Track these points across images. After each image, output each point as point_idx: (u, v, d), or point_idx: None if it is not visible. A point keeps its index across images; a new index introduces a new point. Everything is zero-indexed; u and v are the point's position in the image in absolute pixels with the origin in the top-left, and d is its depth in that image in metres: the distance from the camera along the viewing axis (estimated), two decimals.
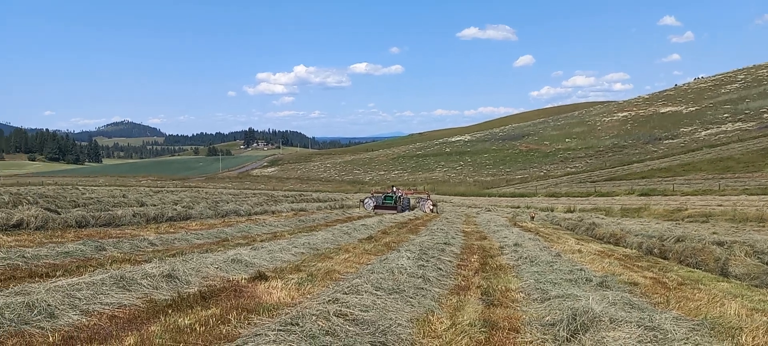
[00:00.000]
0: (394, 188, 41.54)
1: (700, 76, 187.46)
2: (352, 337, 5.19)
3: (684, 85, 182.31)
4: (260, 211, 26.87)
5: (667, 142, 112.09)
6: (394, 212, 34.81)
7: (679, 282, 9.88)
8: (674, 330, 5.51)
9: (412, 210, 38.01)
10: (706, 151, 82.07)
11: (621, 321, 5.70)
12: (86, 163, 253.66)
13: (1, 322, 5.11)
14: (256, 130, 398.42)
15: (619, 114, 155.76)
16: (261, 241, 13.70)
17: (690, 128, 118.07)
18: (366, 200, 39.32)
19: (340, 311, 5.78)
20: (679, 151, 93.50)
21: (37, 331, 5.17)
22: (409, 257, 9.97)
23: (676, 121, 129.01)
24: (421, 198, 43.32)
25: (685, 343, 5.22)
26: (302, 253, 11.56)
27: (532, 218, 30.51)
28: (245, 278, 8.27)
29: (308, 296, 7.24)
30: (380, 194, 40.16)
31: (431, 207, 38.14)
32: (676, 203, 36.71)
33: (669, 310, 6.77)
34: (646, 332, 5.44)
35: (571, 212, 36.99)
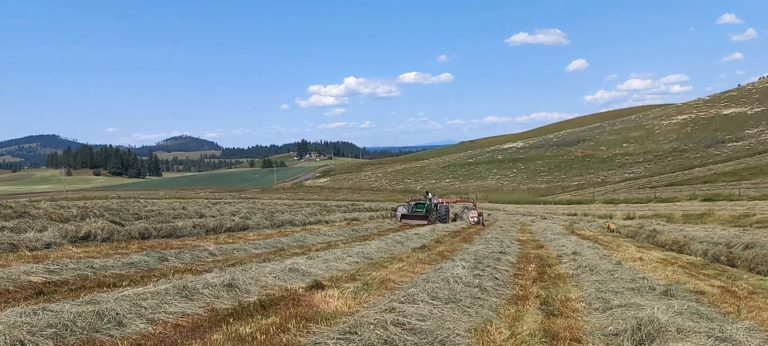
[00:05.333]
0: (429, 194, 34.02)
1: (765, 76, 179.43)
2: None
3: (748, 84, 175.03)
4: (314, 221, 27.19)
5: (731, 145, 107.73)
6: (424, 222, 28.24)
7: (750, 291, 9.44)
8: (747, 341, 5.26)
9: (454, 221, 32.15)
10: None
11: (689, 331, 5.49)
12: (147, 176, 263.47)
13: (73, 330, 5.34)
14: (308, 141, 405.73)
15: (679, 117, 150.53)
16: (316, 250, 13.84)
17: (756, 130, 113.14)
18: (398, 209, 33.10)
19: (397, 320, 5.78)
20: (744, 154, 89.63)
21: (107, 338, 5.38)
22: (464, 266, 9.89)
23: (741, 122, 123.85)
24: (467, 206, 37.35)
25: None
26: (356, 262, 11.61)
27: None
28: (302, 287, 8.36)
29: (364, 305, 7.26)
30: (414, 202, 32.84)
31: (475, 218, 31.08)
32: (742, 209, 35.01)
33: (740, 320, 6.47)
34: (716, 343, 5.22)
35: (631, 218, 35.78)
